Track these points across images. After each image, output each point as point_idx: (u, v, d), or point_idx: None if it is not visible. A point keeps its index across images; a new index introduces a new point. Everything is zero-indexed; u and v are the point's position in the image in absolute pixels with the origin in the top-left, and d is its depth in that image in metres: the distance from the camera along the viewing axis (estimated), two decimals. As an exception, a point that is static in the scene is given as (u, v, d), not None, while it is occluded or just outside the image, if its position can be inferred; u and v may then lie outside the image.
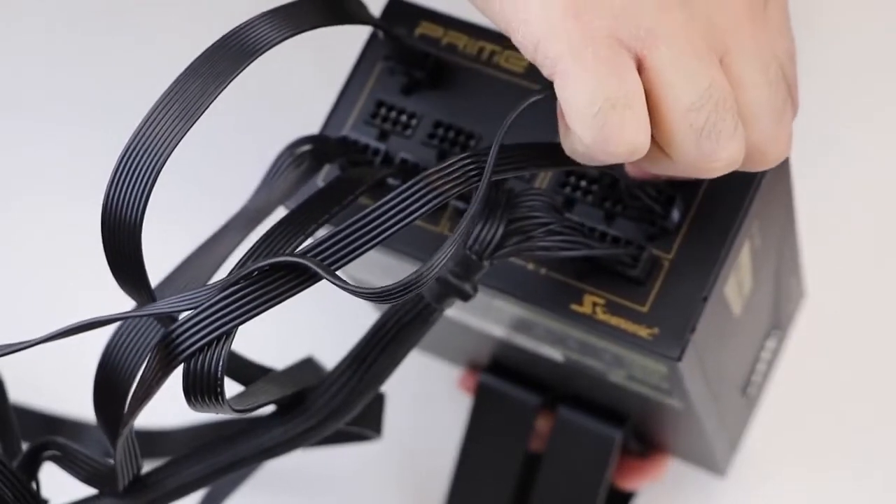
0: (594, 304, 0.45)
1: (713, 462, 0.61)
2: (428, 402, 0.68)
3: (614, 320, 0.44)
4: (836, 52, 0.73)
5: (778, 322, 0.60)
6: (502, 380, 0.61)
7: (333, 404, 0.43)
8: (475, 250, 0.40)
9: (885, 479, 0.64)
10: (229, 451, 0.42)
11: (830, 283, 0.65)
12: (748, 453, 0.64)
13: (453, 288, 0.41)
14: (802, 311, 0.64)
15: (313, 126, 0.49)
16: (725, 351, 0.51)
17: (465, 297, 0.41)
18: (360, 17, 0.43)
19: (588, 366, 0.51)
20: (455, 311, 0.53)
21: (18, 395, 0.66)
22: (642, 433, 0.61)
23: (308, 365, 0.47)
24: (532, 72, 0.48)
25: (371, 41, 0.49)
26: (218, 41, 0.39)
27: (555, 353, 0.52)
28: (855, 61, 0.73)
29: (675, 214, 0.44)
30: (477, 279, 0.41)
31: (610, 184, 0.44)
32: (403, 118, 0.48)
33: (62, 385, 0.65)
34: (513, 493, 0.61)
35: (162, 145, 0.37)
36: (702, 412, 0.51)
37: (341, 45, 0.51)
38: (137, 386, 0.38)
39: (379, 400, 0.50)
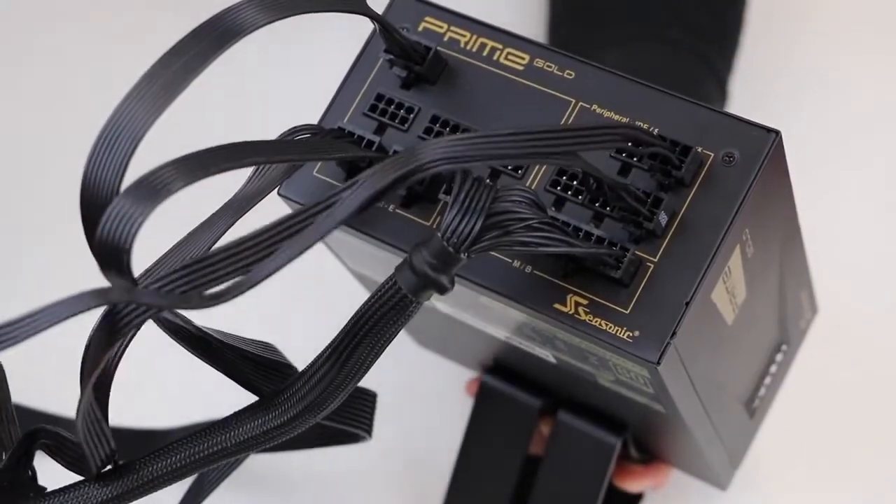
0: (577, 304, 0.44)
1: (713, 475, 0.61)
2: (429, 402, 0.68)
3: (596, 321, 0.44)
4: (845, 56, 0.72)
5: (786, 337, 0.59)
6: (504, 381, 0.61)
7: (311, 397, 0.42)
8: (452, 243, 0.40)
9: (887, 498, 0.63)
10: (207, 442, 0.43)
11: (836, 299, 0.65)
12: (751, 467, 0.63)
13: (430, 280, 0.41)
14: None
15: (315, 117, 0.49)
16: (719, 360, 0.51)
17: (442, 290, 0.41)
18: (350, 5, 0.43)
19: (578, 368, 0.50)
20: (449, 309, 0.53)
21: (17, 395, 0.67)
22: (643, 443, 0.61)
23: (268, 348, 0.47)
24: (531, 70, 0.48)
25: (375, 33, 0.49)
26: (205, 21, 0.39)
27: (546, 354, 0.52)
28: (865, 68, 0.72)
29: (662, 218, 0.44)
30: (454, 272, 0.41)
31: (599, 185, 0.44)
32: (401, 112, 0.48)
33: (59, 385, 0.66)
34: (511, 496, 0.61)
35: (140, 120, 0.37)
36: (690, 420, 0.51)
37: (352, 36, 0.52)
38: (85, 356, 0.39)
39: (370, 401, 0.50)
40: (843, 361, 0.66)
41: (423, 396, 0.68)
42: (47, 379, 0.67)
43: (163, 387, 0.70)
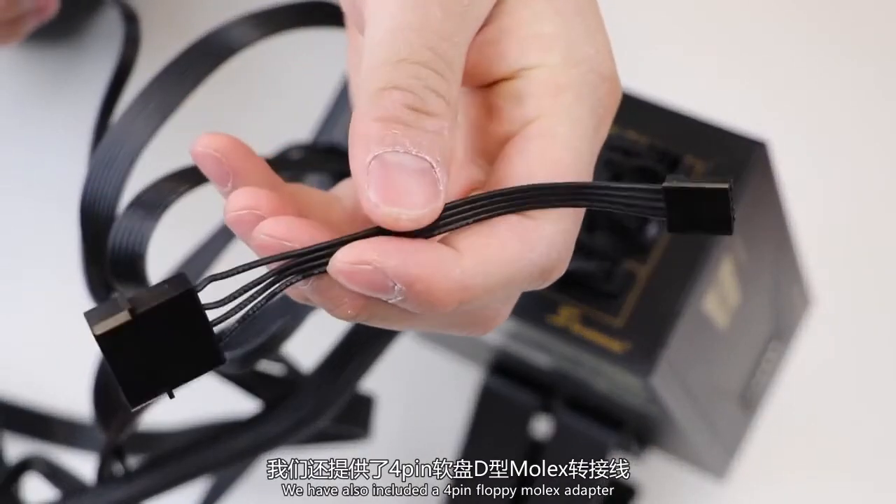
0: (569, 317, 0.45)
1: (710, 466, 0.62)
2: (429, 402, 0.68)
3: (588, 333, 0.45)
4: (836, 56, 0.72)
5: (780, 331, 0.60)
6: (504, 381, 0.61)
7: (303, 411, 0.43)
8: None
9: (884, 484, 0.64)
10: (198, 456, 0.44)
11: (833, 290, 0.65)
12: (749, 457, 0.64)
13: None
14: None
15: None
16: (713, 364, 0.51)
17: None
18: (334, 22, 0.44)
19: (574, 372, 0.51)
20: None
21: (18, 392, 0.68)
22: (642, 437, 0.61)
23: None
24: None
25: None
26: (195, 41, 0.40)
27: (543, 360, 0.52)
28: (852, 64, 0.72)
29: (653, 229, 0.44)
30: None
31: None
32: None
33: (61, 382, 0.67)
34: (511, 495, 0.61)
35: (137, 138, 0.38)
36: (683, 422, 0.51)
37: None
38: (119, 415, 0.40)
39: (367, 402, 0.51)
40: (840, 350, 0.67)
41: (423, 396, 0.68)
42: (43, 376, 0.68)
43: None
